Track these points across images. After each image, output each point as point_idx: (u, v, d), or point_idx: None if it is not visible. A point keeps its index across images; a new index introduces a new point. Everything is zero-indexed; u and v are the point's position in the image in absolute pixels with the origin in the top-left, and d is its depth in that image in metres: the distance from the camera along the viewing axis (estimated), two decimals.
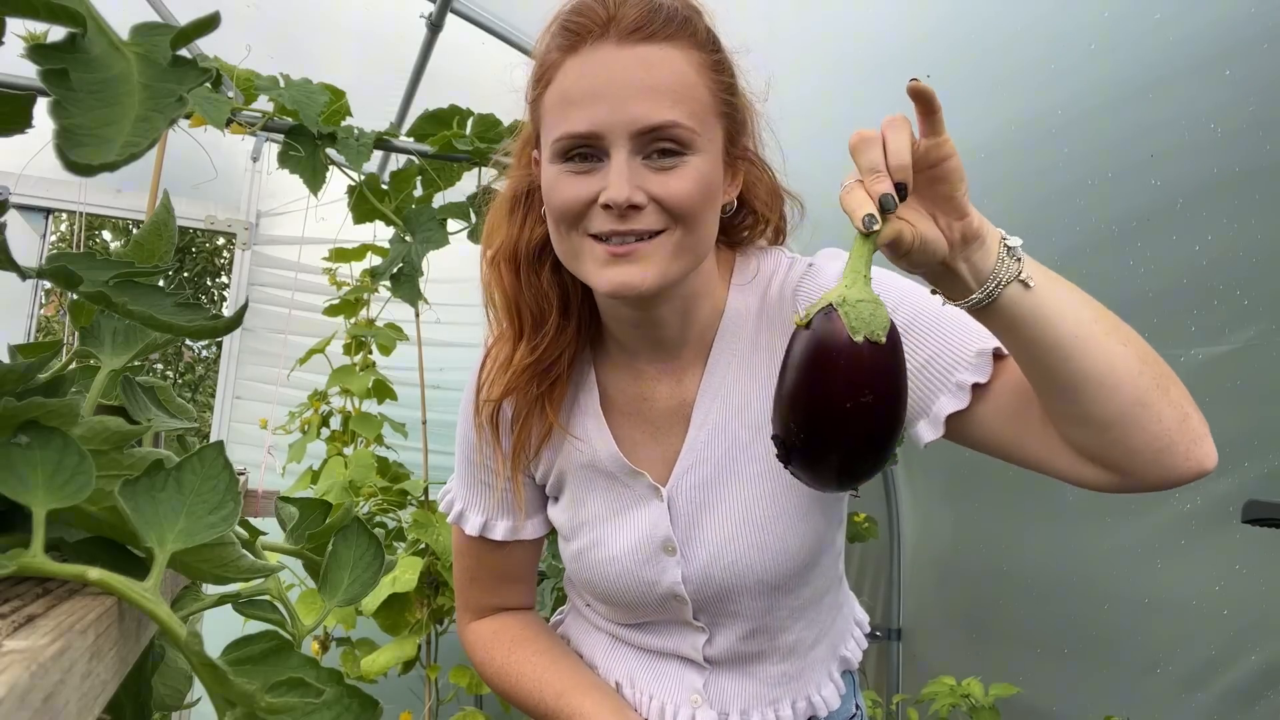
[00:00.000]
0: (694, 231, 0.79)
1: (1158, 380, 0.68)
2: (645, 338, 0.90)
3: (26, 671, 0.27)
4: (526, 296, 0.90)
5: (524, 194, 0.91)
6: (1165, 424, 0.68)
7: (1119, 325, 0.70)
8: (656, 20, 0.78)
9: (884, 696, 2.15)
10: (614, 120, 0.76)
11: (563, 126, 0.78)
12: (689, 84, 0.78)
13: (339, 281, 2.57)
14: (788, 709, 0.94)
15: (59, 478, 0.37)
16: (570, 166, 0.79)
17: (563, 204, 0.79)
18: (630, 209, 0.77)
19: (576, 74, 0.78)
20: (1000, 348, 0.79)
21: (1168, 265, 1.46)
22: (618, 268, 0.78)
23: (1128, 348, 0.68)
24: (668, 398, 0.92)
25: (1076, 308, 0.69)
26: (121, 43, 0.35)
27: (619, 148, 0.76)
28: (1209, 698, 1.46)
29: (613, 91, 0.76)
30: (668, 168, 0.77)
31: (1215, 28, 1.25)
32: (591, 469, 0.93)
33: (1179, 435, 0.68)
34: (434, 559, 2.13)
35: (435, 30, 2.20)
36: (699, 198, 0.78)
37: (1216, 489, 1.44)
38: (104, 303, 0.39)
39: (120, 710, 0.52)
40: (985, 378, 0.78)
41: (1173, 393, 0.69)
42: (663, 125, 0.76)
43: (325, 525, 0.58)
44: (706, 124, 0.79)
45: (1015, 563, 1.92)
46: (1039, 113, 1.54)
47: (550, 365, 0.90)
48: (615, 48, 0.77)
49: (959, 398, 0.79)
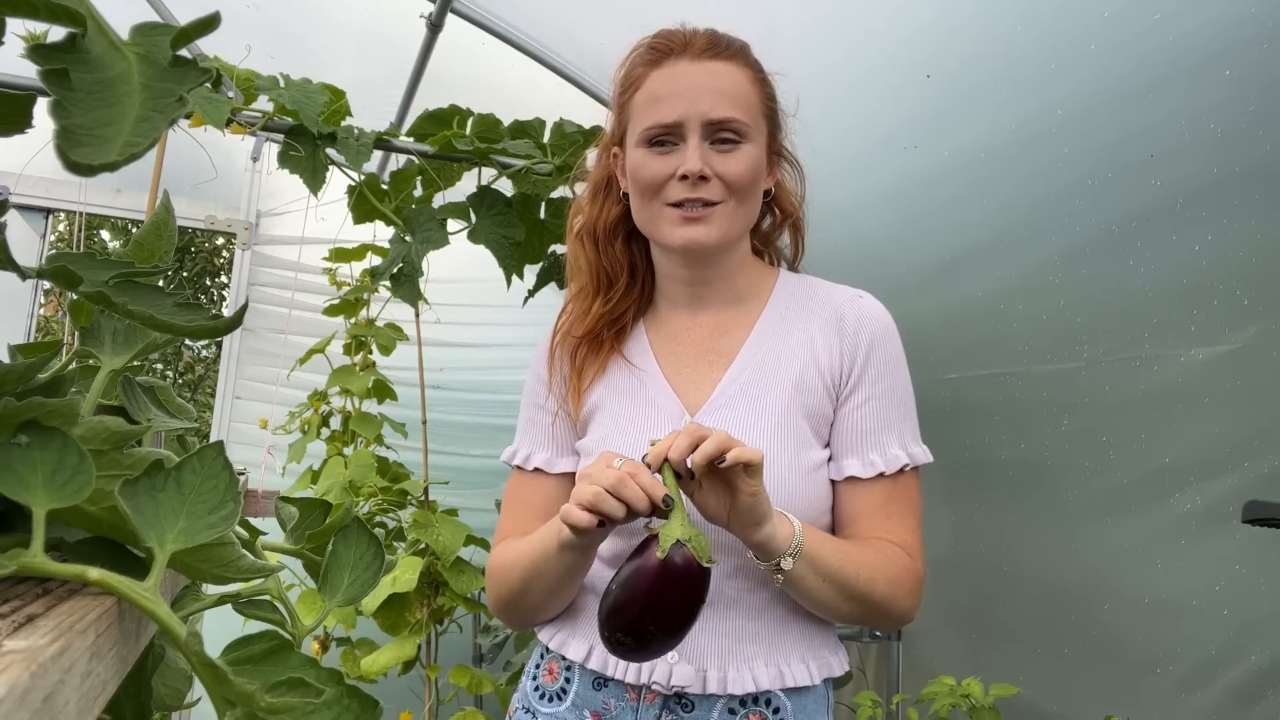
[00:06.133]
0: (745, 204, 1.05)
1: (858, 602, 0.99)
2: (692, 297, 1.13)
3: (26, 671, 0.27)
4: (605, 262, 1.15)
5: (604, 182, 1.16)
6: (863, 621, 1.03)
7: (843, 580, 0.97)
8: (720, 45, 1.05)
9: (884, 696, 2.15)
10: (690, 112, 1.02)
11: (652, 118, 1.04)
12: (745, 91, 1.04)
13: (339, 281, 2.57)
14: (761, 668, 1.00)
15: (59, 478, 0.37)
16: (655, 150, 1.04)
17: (650, 177, 1.04)
18: (700, 180, 1.02)
19: (661, 80, 1.04)
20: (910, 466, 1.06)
21: (1168, 265, 1.45)
22: (689, 227, 1.03)
23: (839, 594, 0.98)
24: (699, 344, 1.13)
25: (818, 584, 0.97)
26: (121, 43, 0.35)
27: (693, 133, 1.02)
28: (1209, 698, 1.46)
29: (690, 92, 1.02)
30: (728, 151, 1.02)
31: (1215, 27, 1.25)
32: (630, 393, 1.11)
33: (875, 621, 1.03)
34: (434, 559, 2.13)
35: (435, 30, 2.20)
36: (750, 176, 1.04)
37: (1216, 489, 1.44)
38: (104, 303, 0.39)
39: (120, 710, 0.52)
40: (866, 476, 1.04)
41: (874, 597, 0.99)
42: (726, 119, 1.02)
43: (325, 525, 0.58)
44: (756, 122, 1.05)
45: (1015, 563, 1.92)
46: (1039, 112, 1.54)
47: (620, 315, 1.15)
48: (691, 62, 1.04)
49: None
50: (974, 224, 1.79)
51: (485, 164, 1.85)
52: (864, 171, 1.93)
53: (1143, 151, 1.41)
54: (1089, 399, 1.66)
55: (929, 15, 1.60)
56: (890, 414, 1.06)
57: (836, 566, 0.96)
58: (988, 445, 1.95)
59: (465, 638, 2.62)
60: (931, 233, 1.92)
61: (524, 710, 1.11)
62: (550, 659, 1.11)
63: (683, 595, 0.84)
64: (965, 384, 1.98)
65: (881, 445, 1.05)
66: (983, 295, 1.85)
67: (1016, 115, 1.59)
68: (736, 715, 1.00)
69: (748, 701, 1.00)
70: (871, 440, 1.05)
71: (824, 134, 1.86)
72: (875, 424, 1.05)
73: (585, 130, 1.83)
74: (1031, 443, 1.83)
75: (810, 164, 1.19)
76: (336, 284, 2.56)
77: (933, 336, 2.02)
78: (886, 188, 1.92)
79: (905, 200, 1.91)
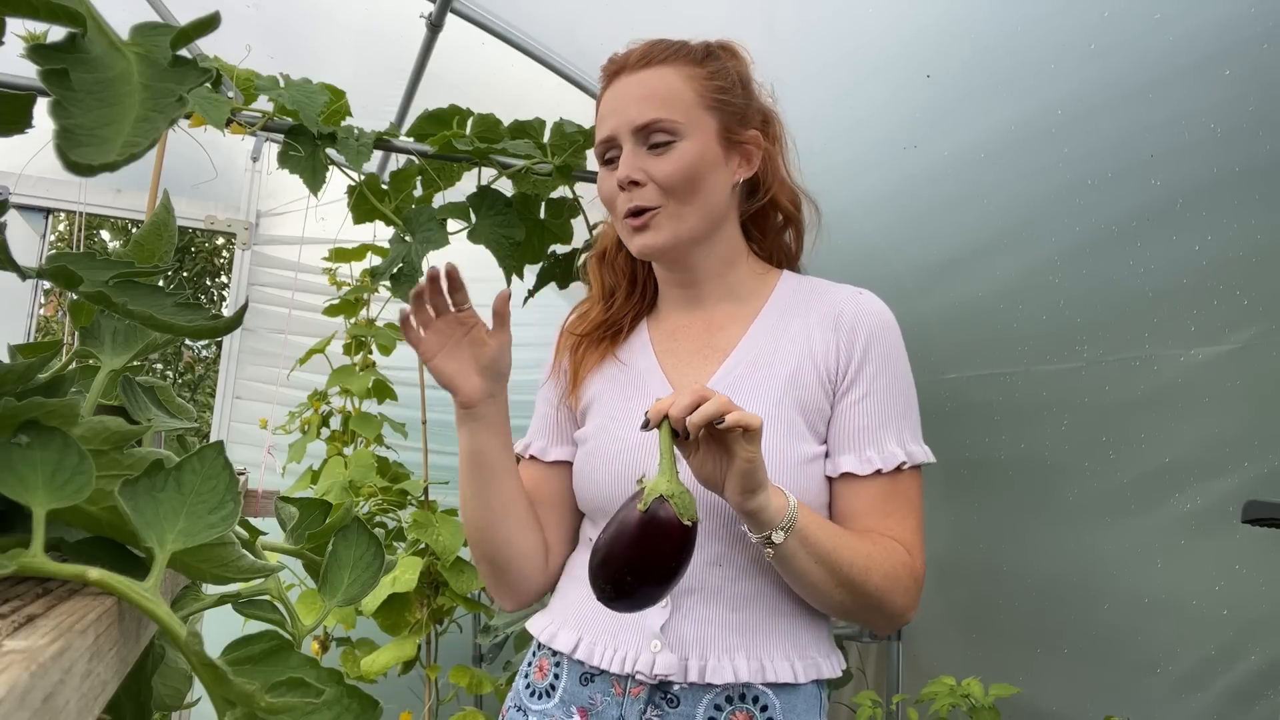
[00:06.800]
0: (689, 201, 1.06)
1: (850, 591, 0.98)
2: (685, 297, 1.17)
3: (26, 671, 0.27)
4: (605, 278, 1.23)
5: None
6: (857, 616, 1.03)
7: (836, 564, 0.96)
8: (654, 53, 1.09)
9: (884, 696, 2.15)
10: (619, 123, 1.07)
11: (598, 137, 1.11)
12: (674, 89, 1.06)
13: (339, 281, 2.57)
14: (743, 659, 1.00)
15: (59, 478, 0.37)
16: (607, 167, 1.11)
17: (605, 193, 1.11)
18: (632, 184, 1.06)
19: (606, 100, 1.11)
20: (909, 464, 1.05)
21: (1168, 265, 1.45)
22: (638, 235, 1.08)
23: (831, 579, 0.97)
24: (696, 340, 1.15)
25: (810, 564, 0.96)
26: (121, 43, 0.35)
27: (626, 142, 1.07)
28: (1209, 698, 1.46)
29: (620, 104, 1.08)
30: (660, 153, 1.05)
31: (1215, 27, 1.25)
32: (628, 386, 1.14)
33: (869, 617, 1.03)
34: (434, 559, 2.13)
35: (435, 30, 2.19)
36: (683, 174, 1.05)
37: (1216, 489, 1.44)
38: (104, 303, 0.39)
39: (120, 710, 0.52)
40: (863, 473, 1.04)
41: (868, 588, 0.98)
42: (650, 121, 1.05)
43: (325, 525, 0.58)
44: (693, 115, 1.06)
45: (1015, 563, 1.92)
46: (1039, 112, 1.54)
47: (617, 321, 1.21)
48: (627, 76, 1.09)
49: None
50: (974, 224, 1.79)
51: (485, 164, 1.85)
52: (864, 172, 1.93)
53: (1143, 151, 1.41)
54: (1089, 399, 1.66)
55: (929, 16, 1.60)
56: (888, 411, 1.06)
57: (830, 548, 0.96)
58: (988, 445, 1.95)
59: (465, 638, 2.62)
60: (931, 233, 1.92)
61: (516, 709, 1.12)
62: (541, 655, 1.12)
63: (661, 549, 0.85)
64: (965, 384, 1.98)
65: (879, 442, 1.05)
66: (983, 295, 1.85)
67: (1016, 115, 1.59)
68: (723, 712, 0.99)
69: (734, 698, 1.00)
70: (869, 437, 1.05)
71: (824, 134, 1.86)
72: (872, 420, 1.05)
73: (585, 130, 1.83)
74: (1031, 443, 1.83)
75: (810, 164, 1.19)
76: (336, 284, 2.56)
77: (933, 336, 2.02)
78: (886, 188, 1.92)
79: (905, 200, 1.91)
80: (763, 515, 0.92)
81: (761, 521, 0.92)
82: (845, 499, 1.06)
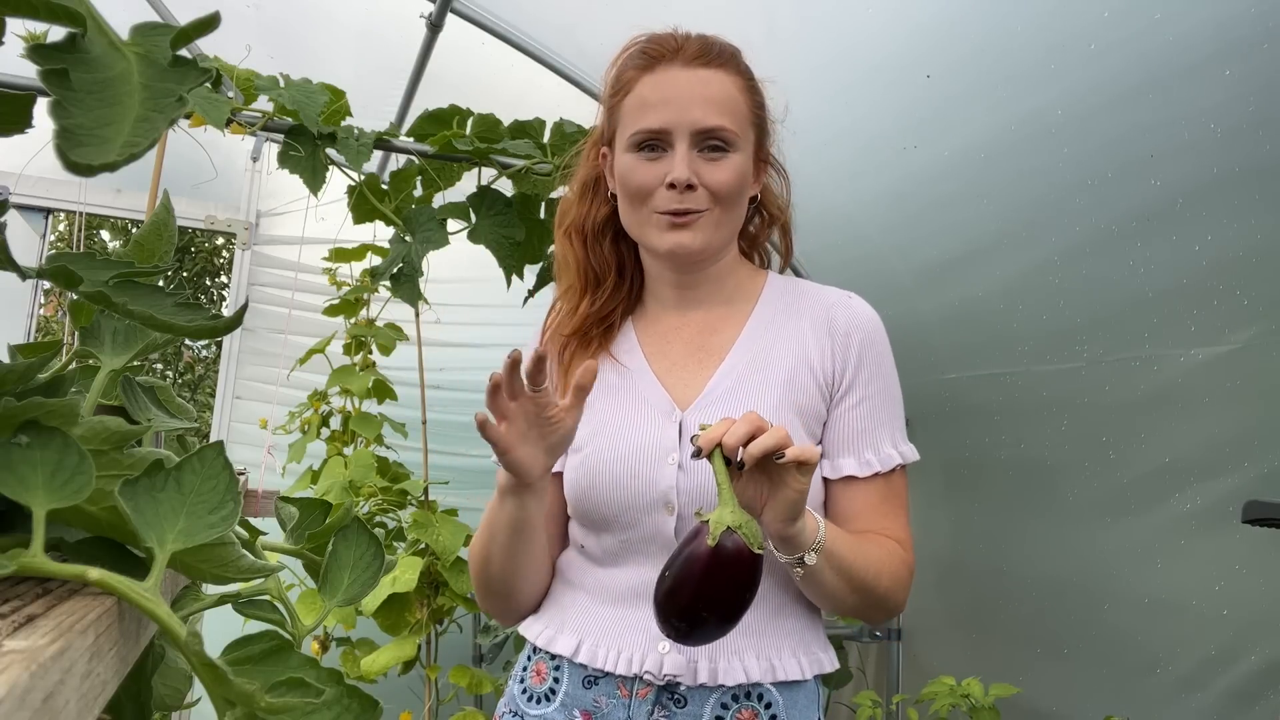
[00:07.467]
0: (730, 211, 1.06)
1: (862, 595, 1.01)
2: (681, 298, 1.14)
3: (26, 671, 0.27)
4: (593, 261, 1.15)
5: (592, 181, 1.16)
6: (858, 613, 1.05)
7: (854, 575, 0.98)
8: (711, 52, 1.05)
9: (884, 696, 2.15)
10: (680, 120, 1.02)
11: (641, 124, 1.04)
12: (734, 99, 1.05)
13: (339, 281, 2.56)
14: (752, 660, 1.00)
15: (59, 478, 0.37)
16: (644, 155, 1.04)
17: (639, 183, 1.04)
18: (687, 189, 1.02)
19: (652, 86, 1.04)
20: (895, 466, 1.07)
21: (1168, 265, 1.45)
22: (676, 233, 1.04)
23: (848, 588, 0.99)
24: (688, 342, 1.13)
25: (833, 579, 0.98)
26: (121, 43, 0.35)
27: (682, 141, 1.02)
28: (1209, 698, 1.46)
29: (679, 99, 1.03)
30: (716, 160, 1.03)
31: (1215, 27, 1.25)
32: (619, 389, 1.11)
33: (869, 613, 1.05)
34: (434, 559, 2.13)
35: (435, 30, 2.19)
36: (736, 186, 1.05)
37: (1216, 489, 1.44)
38: (104, 303, 0.39)
39: (120, 710, 0.52)
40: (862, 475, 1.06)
41: (879, 591, 1.01)
42: (715, 128, 1.02)
43: (325, 525, 0.58)
44: (744, 130, 1.06)
45: (1015, 563, 1.92)
46: (1039, 112, 1.54)
47: (608, 315, 1.15)
48: (681, 69, 1.04)
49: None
50: (974, 224, 1.79)
51: (485, 164, 1.85)
52: (864, 172, 1.93)
53: (1143, 151, 1.41)
54: (1089, 399, 1.66)
55: (928, 15, 1.60)
56: (882, 414, 1.08)
57: (850, 561, 0.98)
58: (988, 445, 1.95)
59: (465, 638, 2.62)
60: (931, 233, 1.92)
61: (511, 714, 1.10)
62: (538, 659, 1.10)
63: (734, 581, 0.84)
64: (965, 384, 1.98)
65: (876, 445, 1.07)
66: (983, 295, 1.85)
67: (1016, 115, 1.59)
68: (729, 710, 1.00)
69: (740, 696, 1.00)
70: (866, 440, 1.07)
71: (824, 134, 1.86)
72: (869, 424, 1.07)
73: (585, 130, 1.83)
74: (1031, 443, 1.83)
75: (810, 164, 1.19)
76: (336, 284, 2.56)
77: (933, 336, 2.02)
78: (886, 188, 1.92)
79: (905, 200, 1.91)
80: (798, 539, 0.92)
81: (796, 545, 0.93)
82: (845, 501, 1.07)
